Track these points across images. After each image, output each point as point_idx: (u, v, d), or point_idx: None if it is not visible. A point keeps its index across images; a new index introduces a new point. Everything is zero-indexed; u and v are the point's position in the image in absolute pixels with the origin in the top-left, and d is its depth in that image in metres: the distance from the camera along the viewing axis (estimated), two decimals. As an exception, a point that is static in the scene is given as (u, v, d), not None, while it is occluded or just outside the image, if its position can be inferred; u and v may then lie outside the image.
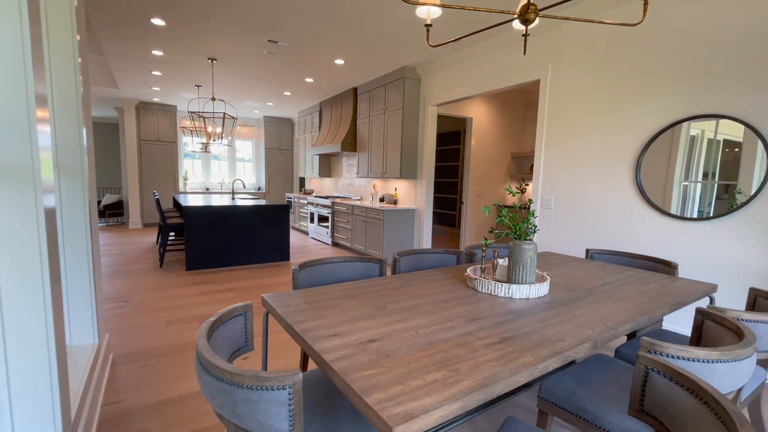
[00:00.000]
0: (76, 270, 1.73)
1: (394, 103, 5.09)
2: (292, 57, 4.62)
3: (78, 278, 1.74)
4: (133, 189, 7.83)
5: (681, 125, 2.60)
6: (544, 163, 3.49)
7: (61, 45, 1.66)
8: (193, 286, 3.89)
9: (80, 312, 1.78)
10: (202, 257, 4.54)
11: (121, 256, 5.22)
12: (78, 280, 1.75)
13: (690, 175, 2.60)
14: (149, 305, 3.28)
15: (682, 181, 2.63)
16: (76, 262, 1.72)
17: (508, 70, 3.79)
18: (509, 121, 6.26)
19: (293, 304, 1.45)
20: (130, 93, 6.95)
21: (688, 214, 2.60)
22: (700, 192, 2.55)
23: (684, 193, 2.62)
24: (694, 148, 2.57)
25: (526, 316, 1.40)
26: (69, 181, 1.67)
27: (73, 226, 1.68)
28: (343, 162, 7.26)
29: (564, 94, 3.29)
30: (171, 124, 8.02)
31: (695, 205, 2.58)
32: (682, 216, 2.62)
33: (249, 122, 9.47)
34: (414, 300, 1.53)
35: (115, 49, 4.56)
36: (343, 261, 2.06)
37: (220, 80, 5.82)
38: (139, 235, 6.97)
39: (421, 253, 2.36)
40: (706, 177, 2.53)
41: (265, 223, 4.92)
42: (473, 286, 1.72)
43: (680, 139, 2.62)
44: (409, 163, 5.08)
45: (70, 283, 1.75)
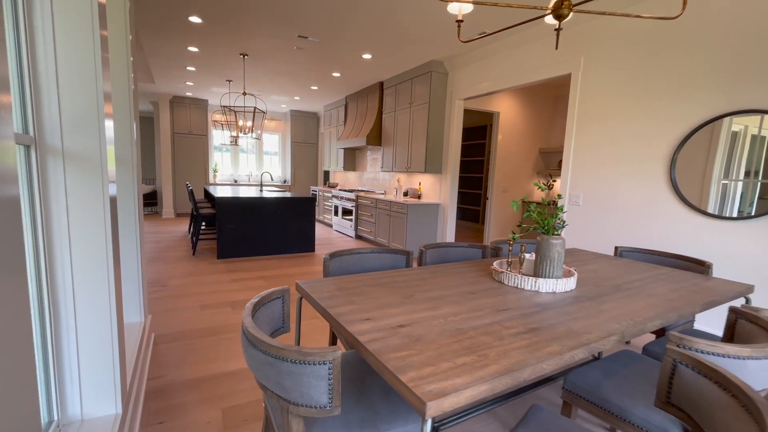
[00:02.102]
0: (127, 254, 1.87)
1: (420, 97, 5.10)
2: (320, 52, 4.71)
3: (128, 261, 1.89)
4: (166, 180, 8.18)
5: (722, 120, 2.51)
6: (573, 158, 3.44)
7: (117, 45, 1.78)
8: (225, 273, 4.06)
9: (130, 293, 1.92)
10: (233, 246, 4.73)
11: (157, 243, 5.49)
12: (128, 263, 1.89)
13: (730, 173, 2.51)
14: (185, 290, 3.47)
15: (721, 179, 2.54)
16: (127, 247, 1.86)
17: (537, 63, 3.74)
18: (537, 115, 6.15)
19: (326, 290, 1.53)
20: (165, 88, 7.25)
21: (727, 213, 2.52)
22: (741, 190, 2.46)
23: (723, 191, 2.54)
24: (736, 144, 2.48)
25: (553, 308, 1.42)
26: (123, 172, 1.80)
27: (126, 214, 1.82)
28: (367, 156, 7.33)
29: (596, 88, 3.23)
30: (202, 118, 8.31)
31: (735, 204, 2.49)
32: (720, 215, 2.54)
33: (276, 116, 9.67)
34: (441, 290, 1.58)
35: (154, 47, 4.78)
36: (371, 252, 2.13)
37: (251, 75, 5.99)
38: (172, 225, 7.30)
39: (447, 247, 2.40)
40: (749, 175, 2.43)
41: (292, 215, 5.06)
42: (499, 279, 1.75)
43: (720, 136, 2.53)
44: (435, 158, 5.09)
45: (123, 265, 1.89)
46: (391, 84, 5.77)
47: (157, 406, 1.81)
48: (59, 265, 1.12)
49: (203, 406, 1.84)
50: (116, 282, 1.24)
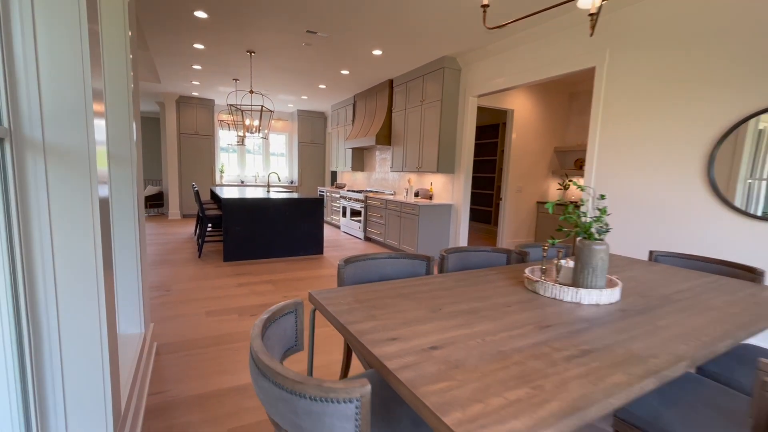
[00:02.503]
0: (125, 259, 1.73)
1: (432, 94, 4.94)
2: (329, 48, 4.56)
3: (126, 267, 1.74)
4: (172, 181, 8.09)
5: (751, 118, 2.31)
6: (597, 157, 3.25)
7: (114, 41, 1.65)
8: (231, 277, 3.93)
9: (128, 301, 1.78)
10: (240, 249, 4.60)
11: (162, 246, 5.38)
12: (126, 269, 1.74)
13: (755, 172, 2.31)
14: (190, 295, 3.33)
15: (747, 178, 2.34)
16: (125, 252, 1.72)
17: (559, 57, 3.55)
18: (552, 113, 5.95)
19: (343, 302, 1.37)
20: (171, 87, 7.15)
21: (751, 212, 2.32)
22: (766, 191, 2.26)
23: (748, 190, 2.34)
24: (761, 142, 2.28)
25: (601, 325, 1.24)
26: (120, 173, 1.66)
27: (123, 218, 1.68)
28: (376, 156, 7.17)
29: (623, 83, 3.03)
30: (209, 118, 8.21)
31: (760, 205, 2.29)
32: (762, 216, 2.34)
33: (283, 116, 9.56)
34: (471, 302, 1.41)
35: (159, 44, 4.66)
36: (388, 257, 1.96)
37: (258, 73, 5.86)
38: (178, 226, 7.20)
39: (468, 251, 2.23)
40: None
41: (300, 216, 4.91)
42: (533, 289, 1.58)
43: (747, 133, 2.33)
44: (447, 157, 4.92)
45: (119, 272, 1.75)
46: (402, 81, 5.61)
47: (157, 427, 1.66)
48: (39, 273, 0.97)
49: (208, 426, 1.69)
50: (107, 292, 1.09)
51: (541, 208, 5.94)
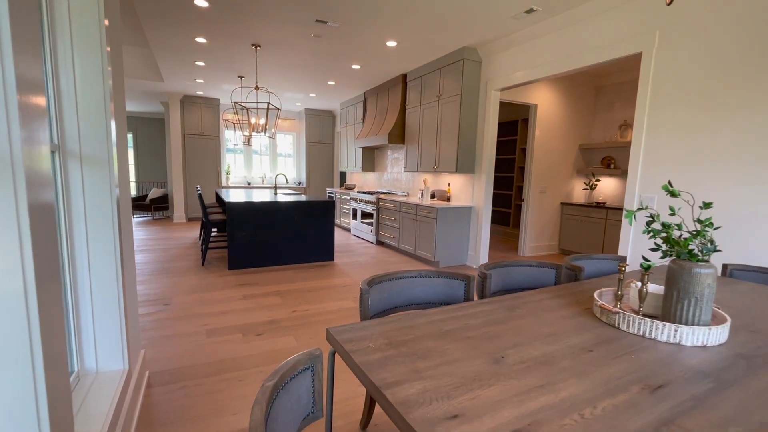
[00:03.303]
0: (100, 280, 1.42)
1: (450, 89, 4.59)
2: (339, 40, 4.24)
3: (104, 288, 1.44)
4: (177, 183, 7.85)
5: None
6: (644, 154, 2.88)
7: (84, 31, 1.35)
8: (235, 287, 3.63)
9: (106, 330, 1.47)
10: (245, 256, 4.30)
11: (165, 252, 5.11)
12: (104, 290, 1.44)
13: None
14: (190, 309, 3.03)
15: None
16: (102, 273, 1.41)
17: (596, 43, 3.19)
18: (577, 108, 5.56)
19: (372, 345, 1.04)
20: (175, 86, 6.90)
21: None
22: None
23: None
24: None
25: (730, 384, 0.90)
26: (93, 176, 1.36)
27: (97, 228, 1.37)
28: (387, 155, 6.84)
29: (677, 69, 2.66)
30: (214, 118, 7.96)
31: None
32: None
33: (290, 115, 9.28)
34: (539, 344, 1.08)
35: (159, 39, 4.38)
36: (418, 276, 1.64)
37: (264, 69, 5.57)
38: (182, 230, 6.94)
39: (510, 266, 1.89)
40: None
41: (310, 220, 4.60)
42: (611, 321, 1.23)
43: None
44: (467, 156, 4.57)
45: (95, 296, 1.44)
46: (416, 76, 5.27)
47: (140, 490, 1.35)
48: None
49: (202, 487, 1.37)
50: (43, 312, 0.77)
51: (566, 210, 5.56)
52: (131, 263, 1.79)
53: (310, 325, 2.77)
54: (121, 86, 1.73)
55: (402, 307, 1.61)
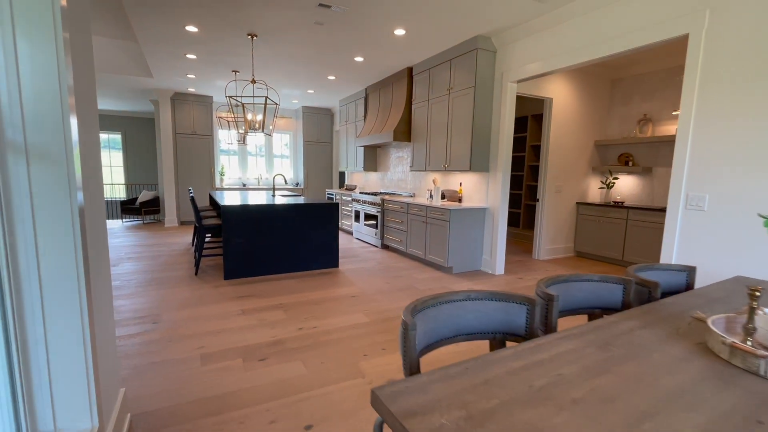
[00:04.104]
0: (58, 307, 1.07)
1: (462, 81, 4.27)
2: (343, 28, 3.90)
3: (62, 321, 1.09)
4: (169, 185, 7.45)
5: None
6: (691, 149, 2.57)
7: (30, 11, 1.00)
8: (233, 300, 3.27)
9: (66, 378, 1.12)
10: (242, 264, 3.94)
11: (154, 259, 4.73)
12: (62, 324, 1.09)
13: None
14: (182, 328, 2.67)
15: None
16: (58, 295, 1.07)
17: (628, 27, 2.88)
18: (592, 102, 5.28)
19: (446, 421, 0.71)
20: (165, 83, 6.51)
21: None
22: None
23: None
24: None
25: None
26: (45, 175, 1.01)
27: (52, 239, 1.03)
28: (390, 154, 6.51)
29: (730, 53, 2.36)
30: (207, 116, 7.57)
31: None
32: None
33: (287, 114, 8.91)
34: (678, 411, 0.75)
35: (146, 28, 4.01)
36: (466, 299, 1.30)
37: (260, 63, 5.21)
38: (174, 235, 6.55)
39: (569, 282, 1.57)
40: None
41: (312, 223, 4.26)
42: (751, 367, 0.91)
43: None
44: (481, 153, 4.25)
45: (50, 333, 1.09)
46: (423, 69, 4.94)
47: None
48: None
49: None
50: None
51: (582, 210, 5.27)
52: (104, 283, 1.43)
53: (319, 346, 2.43)
54: (89, 80, 1.38)
55: (448, 339, 1.27)
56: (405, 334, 1.06)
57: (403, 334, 1.07)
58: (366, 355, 2.30)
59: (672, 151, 4.70)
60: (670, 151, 4.73)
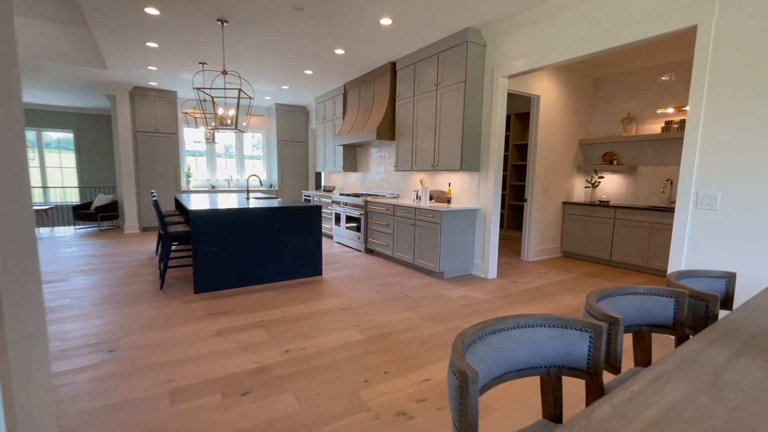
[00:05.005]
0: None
1: (451, 76, 4.05)
2: (324, 16, 3.58)
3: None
4: (128, 188, 6.81)
5: None
6: (702, 145, 2.46)
7: None
8: (206, 319, 2.88)
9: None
10: (215, 275, 3.53)
11: (112, 271, 4.21)
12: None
13: None
14: (145, 357, 2.27)
15: None
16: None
17: (633, 18, 2.75)
18: (577, 100, 5.22)
19: None
20: (123, 75, 5.91)
21: None
22: None
23: None
24: None
25: None
26: None
27: None
28: (371, 153, 6.22)
29: (743, 45, 2.25)
30: (171, 113, 6.99)
31: None
32: None
33: (259, 111, 8.43)
34: None
35: (97, 9, 3.52)
36: (515, 326, 1.05)
37: (231, 54, 4.79)
38: (136, 243, 5.96)
39: (615, 296, 1.35)
40: None
41: (292, 228, 3.90)
42: None
43: None
44: (472, 152, 4.05)
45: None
46: (408, 63, 4.70)
47: None
48: None
49: None
50: None
51: (568, 210, 5.19)
52: (32, 307, 1.07)
53: (312, 372, 2.11)
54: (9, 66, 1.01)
55: (496, 379, 1.01)
56: (463, 391, 0.78)
57: (460, 390, 0.78)
58: (367, 381, 2.01)
59: (656, 150, 4.70)
60: (654, 150, 4.73)
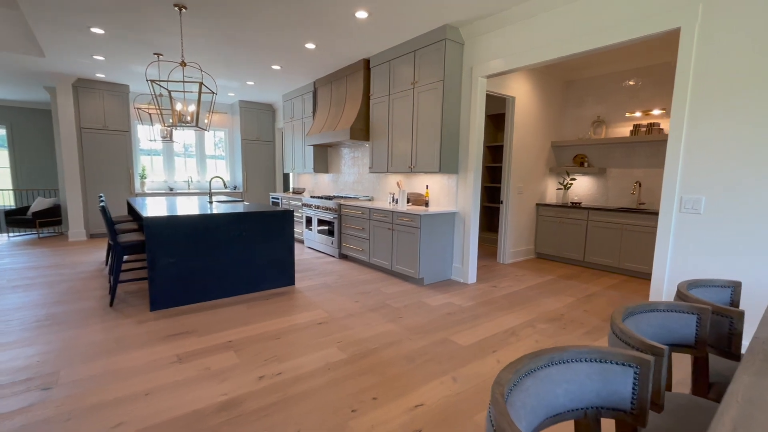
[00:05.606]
0: None
1: (429, 74, 3.91)
2: (295, 5, 3.32)
3: None
4: (73, 190, 6.15)
5: None
6: (685, 148, 2.45)
7: None
8: (165, 341, 2.54)
9: None
10: (174, 289, 3.17)
11: (52, 287, 3.71)
12: None
13: None
14: (89, 394, 1.93)
15: None
16: None
17: (615, 20, 2.71)
18: (549, 103, 5.26)
19: None
20: (64, 65, 5.30)
21: None
22: None
23: None
24: None
25: None
26: None
27: None
28: (343, 154, 5.99)
29: (726, 47, 2.26)
30: (122, 109, 6.38)
31: None
32: None
33: (221, 108, 7.93)
34: None
35: (29, -15, 3.06)
36: (548, 364, 0.88)
37: (191, 45, 4.39)
38: (82, 252, 5.37)
39: (637, 314, 1.23)
40: None
41: (262, 235, 3.60)
42: None
43: None
44: (451, 154, 3.93)
45: None
46: (382, 60, 4.51)
47: None
48: None
49: None
50: None
51: (542, 212, 5.22)
52: None
53: (291, 403, 1.86)
54: None
55: (535, 429, 0.84)
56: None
57: None
58: (354, 410, 1.80)
59: (625, 153, 4.80)
60: (623, 153, 4.83)
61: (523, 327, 2.87)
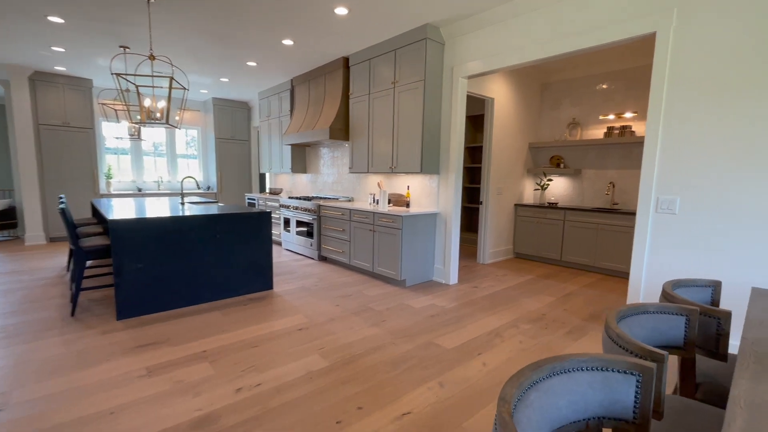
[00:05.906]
0: None
1: (409, 74, 3.87)
2: (273, 2, 3.20)
3: None
4: (30, 191, 5.74)
5: None
6: (662, 149, 2.51)
7: None
8: (133, 352, 2.38)
9: None
10: (143, 296, 2.99)
11: (6, 295, 3.43)
12: None
13: None
14: (47, 415, 1.77)
15: None
16: None
17: (594, 23, 2.75)
18: (527, 105, 5.33)
19: None
20: (18, 56, 4.94)
21: None
22: None
23: None
24: None
25: None
26: None
27: None
28: (322, 154, 5.87)
29: (700, 51, 2.32)
30: (85, 104, 6.02)
31: None
32: None
33: (193, 105, 7.63)
34: None
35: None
36: (551, 374, 0.84)
37: (160, 39, 4.17)
38: (41, 257, 5.02)
39: (630, 316, 1.22)
40: None
41: (238, 237, 3.45)
42: None
43: None
44: (432, 154, 3.90)
45: None
46: (362, 59, 4.44)
47: None
48: None
49: None
50: None
51: (520, 212, 5.29)
52: None
53: (271, 416, 1.76)
54: None
55: None
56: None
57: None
58: (339, 422, 1.72)
59: (599, 154, 4.93)
60: (597, 154, 4.96)
61: (506, 328, 2.87)
